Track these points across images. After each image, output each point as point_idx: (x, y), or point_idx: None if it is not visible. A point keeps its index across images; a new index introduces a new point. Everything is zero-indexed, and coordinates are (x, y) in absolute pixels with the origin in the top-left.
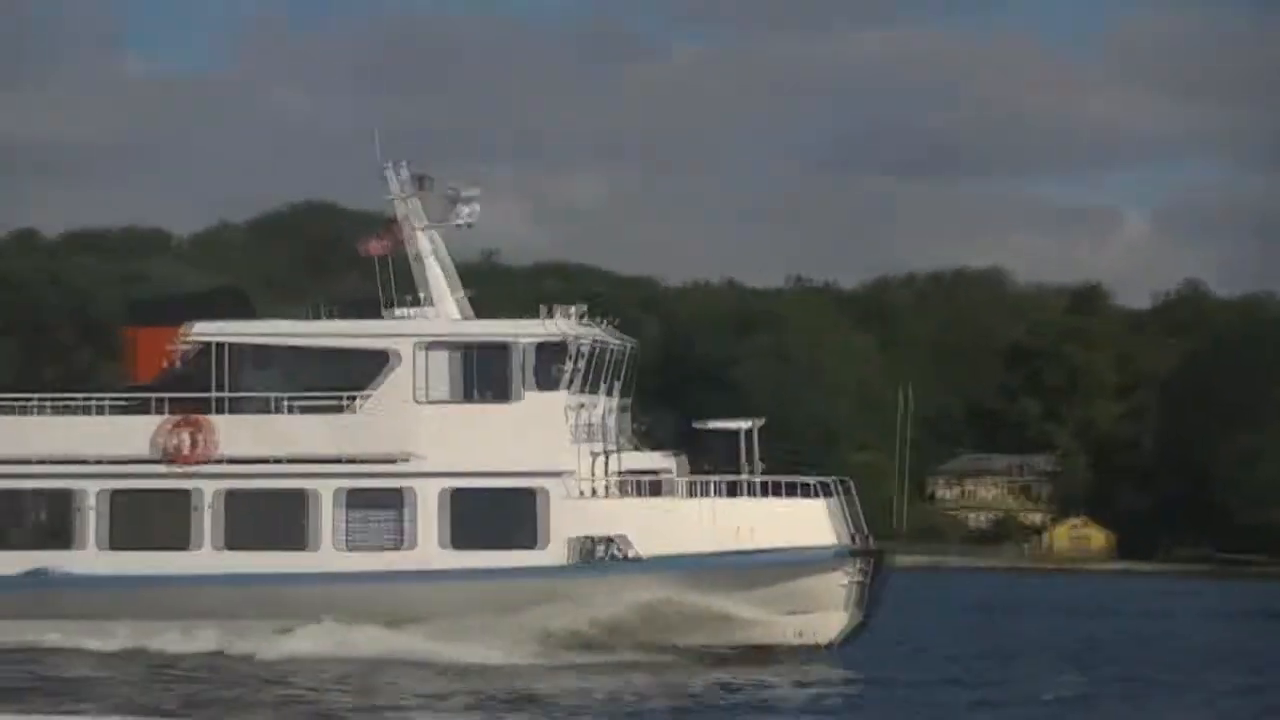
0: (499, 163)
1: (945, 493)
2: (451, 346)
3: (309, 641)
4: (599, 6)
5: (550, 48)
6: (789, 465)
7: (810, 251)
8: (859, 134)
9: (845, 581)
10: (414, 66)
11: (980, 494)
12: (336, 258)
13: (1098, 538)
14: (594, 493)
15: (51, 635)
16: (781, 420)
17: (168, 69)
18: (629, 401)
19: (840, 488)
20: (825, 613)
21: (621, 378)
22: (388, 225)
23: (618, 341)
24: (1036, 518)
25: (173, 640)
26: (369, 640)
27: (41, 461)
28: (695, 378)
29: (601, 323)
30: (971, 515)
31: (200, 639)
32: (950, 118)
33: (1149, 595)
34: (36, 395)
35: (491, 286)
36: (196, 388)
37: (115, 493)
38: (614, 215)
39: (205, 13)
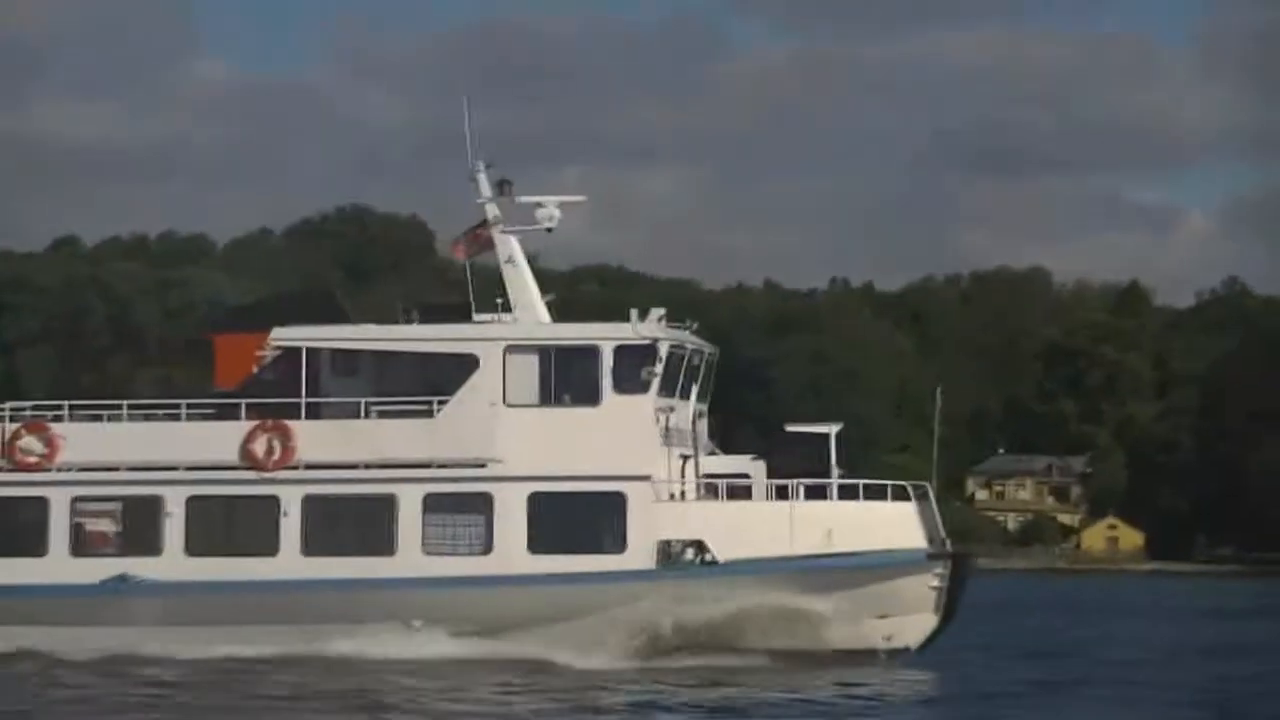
0: (568, 163)
1: (981, 493)
2: (537, 350)
3: (393, 646)
4: (692, 7)
5: (638, 48)
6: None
7: (867, 251)
8: (930, 133)
9: (933, 585)
10: (500, 69)
11: (1015, 495)
12: (370, 262)
13: (1130, 538)
14: (678, 496)
15: (133, 642)
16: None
17: (243, 74)
18: (709, 406)
19: (921, 492)
20: (914, 616)
21: (702, 382)
22: (473, 229)
23: (700, 346)
24: (1070, 518)
25: (255, 646)
26: (450, 645)
27: (128, 467)
28: (733, 380)
29: (685, 327)
30: (1006, 516)
31: (283, 644)
32: (1030, 116)
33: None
34: (124, 401)
35: None
36: (281, 393)
37: (198, 499)
38: (671, 217)
39: (285, 17)
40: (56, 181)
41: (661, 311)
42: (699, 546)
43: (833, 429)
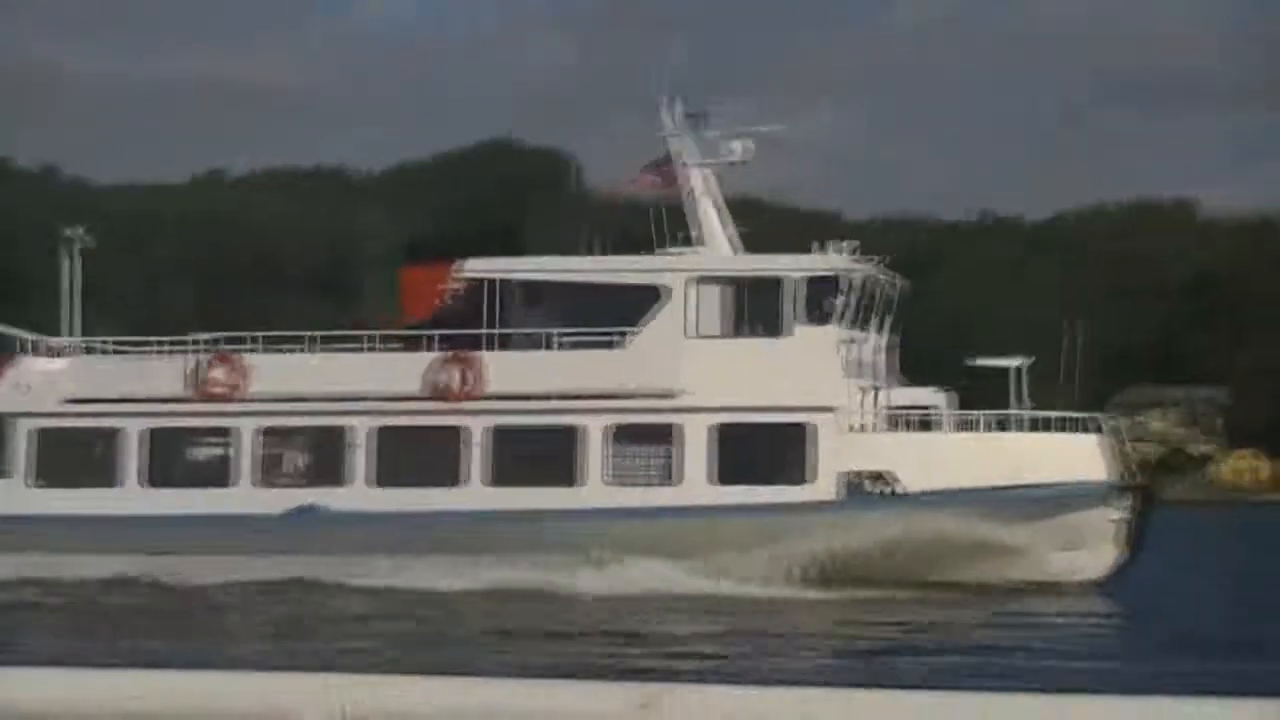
0: (733, 99)
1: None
2: (722, 281)
3: (576, 577)
4: None
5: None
6: (965, 401)
7: (1020, 185)
8: (1090, 73)
9: (1117, 517)
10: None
11: (1152, 426)
12: (515, 195)
13: (1265, 469)
14: (863, 428)
15: (319, 571)
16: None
17: (395, 17)
18: (898, 338)
19: (1112, 425)
20: (1098, 548)
21: (892, 314)
22: (660, 162)
23: (888, 278)
24: (1205, 448)
25: (439, 576)
26: (634, 575)
27: (315, 399)
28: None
29: (874, 260)
30: (1142, 446)
31: (468, 575)
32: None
33: None
34: (307, 334)
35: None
36: (467, 325)
37: (384, 429)
38: (830, 150)
39: None
40: (202, 117)
41: (854, 244)
42: (885, 478)
43: (1015, 363)
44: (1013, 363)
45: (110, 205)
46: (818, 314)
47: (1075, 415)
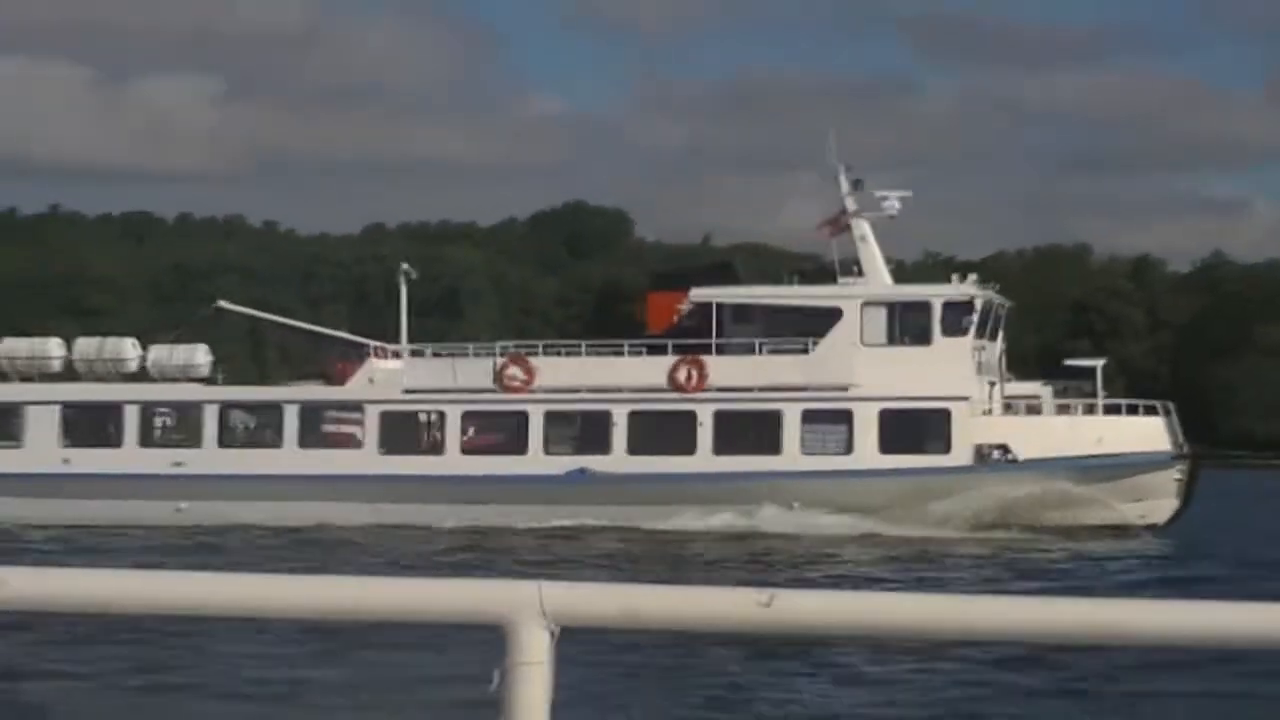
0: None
1: None
2: (885, 304)
3: (778, 522)
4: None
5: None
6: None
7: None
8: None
9: (1175, 478)
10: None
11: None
12: (586, 244)
13: None
14: (988, 412)
15: (587, 520)
16: None
17: (563, 107)
18: (1006, 345)
19: (1168, 408)
20: (1160, 501)
21: (1002, 328)
22: (836, 214)
23: (1000, 300)
24: None
25: (678, 521)
26: (821, 521)
27: (585, 390)
28: None
29: (991, 287)
30: None
31: (699, 520)
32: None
33: None
34: (582, 342)
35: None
36: (697, 336)
37: (636, 413)
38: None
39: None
40: (378, 179)
41: (974, 276)
42: (1004, 449)
43: (1098, 363)
44: (1097, 363)
45: (317, 249)
46: (955, 328)
47: (1144, 402)
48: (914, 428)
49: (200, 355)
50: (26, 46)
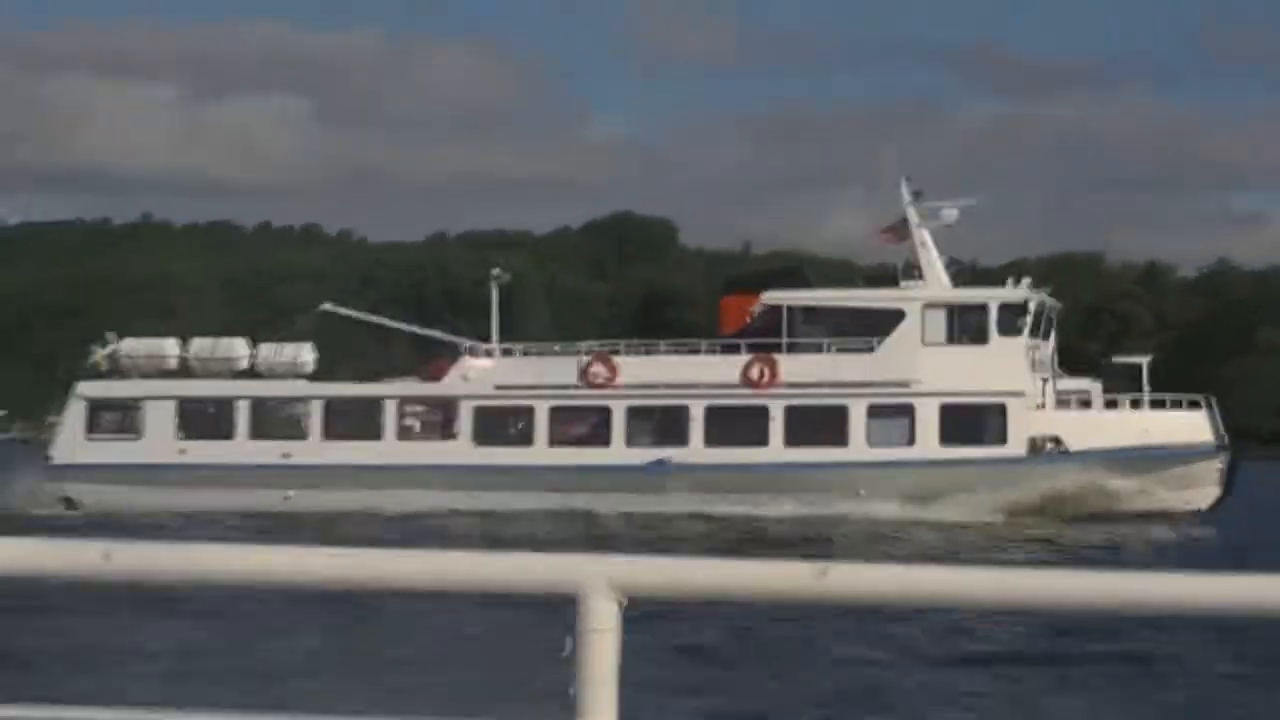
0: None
1: None
2: (945, 306)
3: (845, 507)
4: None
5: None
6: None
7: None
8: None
9: (1218, 467)
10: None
11: None
12: (634, 250)
13: None
14: (1041, 406)
15: (667, 506)
16: None
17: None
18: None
19: (1209, 403)
20: (1204, 489)
21: (1054, 328)
22: (898, 223)
23: (1052, 303)
24: None
25: (751, 507)
26: (886, 508)
27: (664, 386)
28: None
29: (1044, 289)
30: None
31: (772, 506)
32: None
33: None
34: (661, 341)
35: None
36: (768, 336)
37: (713, 408)
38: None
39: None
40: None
41: (1028, 280)
42: (1056, 440)
43: (1144, 360)
44: (1143, 359)
45: (383, 256)
46: (1010, 328)
47: (1187, 396)
48: (972, 421)
49: (306, 353)
50: (130, 70)
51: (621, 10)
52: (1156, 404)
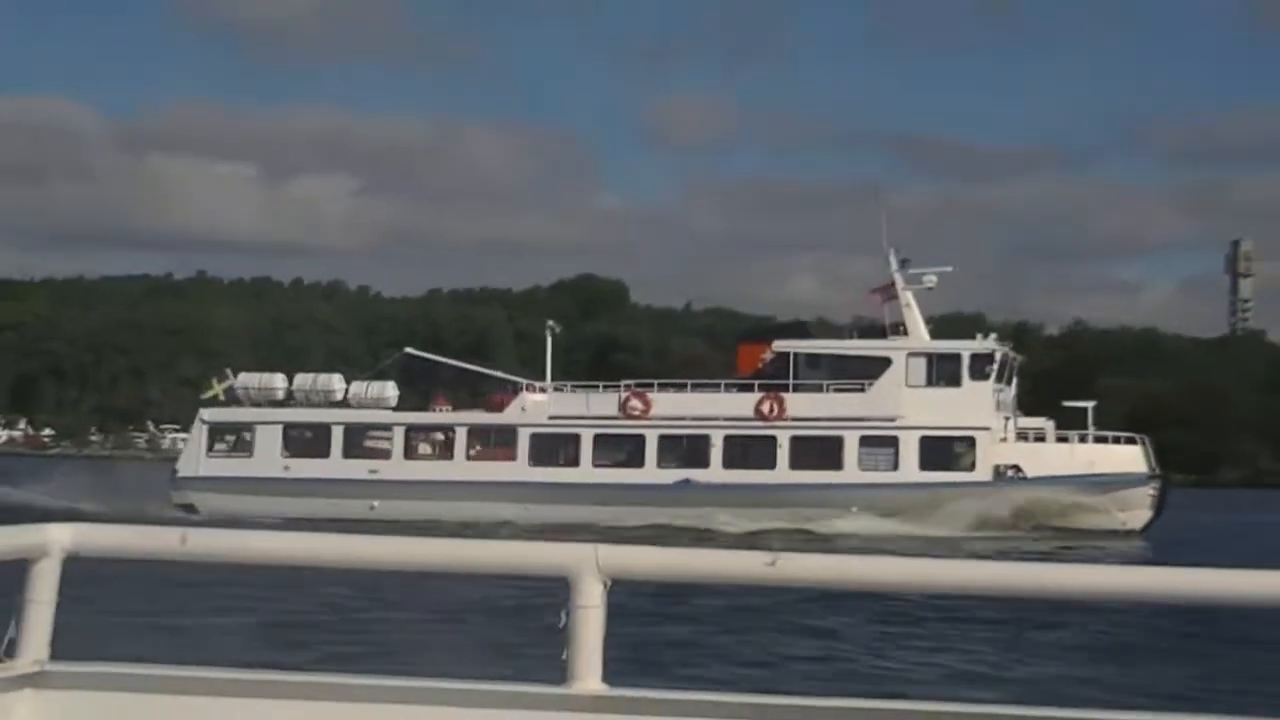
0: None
1: None
2: (925, 355)
3: (839, 524)
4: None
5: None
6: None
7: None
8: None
9: (1150, 493)
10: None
11: None
12: (592, 306)
13: None
14: (1004, 440)
15: (691, 520)
16: None
17: (625, 201)
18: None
19: (1144, 440)
20: (1139, 511)
21: (1014, 375)
22: (885, 285)
23: (1013, 355)
24: None
25: (757, 522)
26: (873, 524)
27: (689, 418)
28: None
29: (1007, 343)
30: None
31: (777, 520)
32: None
33: None
34: (688, 380)
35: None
36: (776, 378)
37: (729, 436)
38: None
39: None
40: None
41: (994, 335)
42: (1017, 468)
43: (1089, 404)
44: (1088, 404)
45: (387, 309)
46: (979, 374)
47: (1125, 434)
48: (946, 451)
49: (389, 389)
50: (195, 148)
51: (636, 102)
52: (1100, 439)
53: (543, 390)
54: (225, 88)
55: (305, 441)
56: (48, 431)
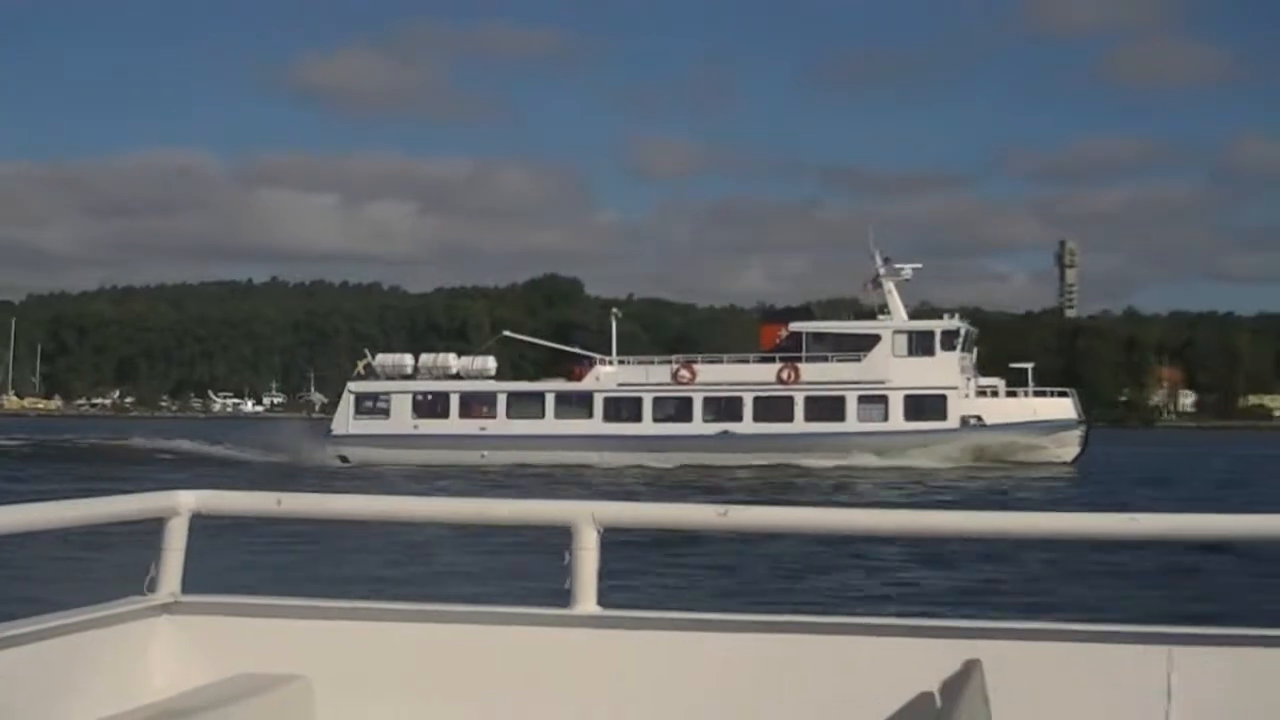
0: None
1: None
2: (906, 332)
3: (834, 461)
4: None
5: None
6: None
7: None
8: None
9: (1078, 435)
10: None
11: None
12: (555, 298)
13: None
14: (967, 395)
15: (728, 460)
16: None
17: (619, 216)
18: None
19: (1074, 393)
20: (1070, 447)
21: (974, 345)
22: (873, 278)
23: (973, 329)
24: None
25: (781, 459)
26: (867, 460)
27: (726, 384)
28: None
29: (967, 320)
30: None
31: (793, 458)
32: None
33: None
34: (723, 355)
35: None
36: (792, 351)
37: (758, 397)
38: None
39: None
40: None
41: (957, 313)
42: (979, 418)
43: (1029, 365)
44: (1028, 366)
45: (399, 302)
46: (949, 345)
47: (1060, 389)
48: (925, 406)
49: (490, 363)
50: (291, 183)
51: (624, 142)
52: (1040, 394)
53: (611, 363)
54: (311, 135)
55: (429, 405)
56: (129, 399)
